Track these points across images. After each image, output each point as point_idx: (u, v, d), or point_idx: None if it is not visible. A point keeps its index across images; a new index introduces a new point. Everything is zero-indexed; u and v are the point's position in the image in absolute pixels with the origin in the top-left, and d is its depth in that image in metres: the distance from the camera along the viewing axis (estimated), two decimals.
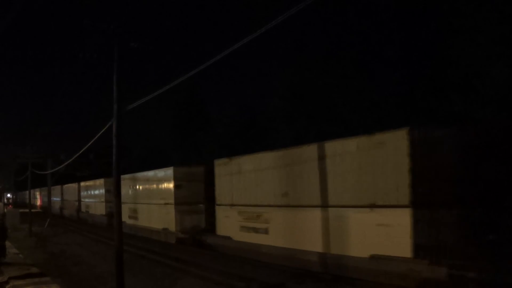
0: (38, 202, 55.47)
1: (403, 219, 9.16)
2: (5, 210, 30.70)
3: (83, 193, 33.83)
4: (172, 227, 18.00)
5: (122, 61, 10.01)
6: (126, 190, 21.79)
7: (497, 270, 7.77)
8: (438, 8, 15.38)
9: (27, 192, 31.27)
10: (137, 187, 21.92)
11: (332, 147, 10.97)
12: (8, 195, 73.98)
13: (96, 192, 30.07)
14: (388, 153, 9.63)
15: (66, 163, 24.68)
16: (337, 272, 10.57)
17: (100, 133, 12.83)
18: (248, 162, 14.32)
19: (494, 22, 13.40)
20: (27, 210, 29.31)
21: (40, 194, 54.45)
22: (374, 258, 9.75)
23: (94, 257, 16.19)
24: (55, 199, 41.32)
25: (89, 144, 15.59)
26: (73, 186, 36.50)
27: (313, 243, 11.34)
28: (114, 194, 10.06)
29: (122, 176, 18.76)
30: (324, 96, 19.61)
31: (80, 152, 18.39)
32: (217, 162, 15.93)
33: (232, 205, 14.94)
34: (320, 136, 16.73)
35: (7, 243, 15.72)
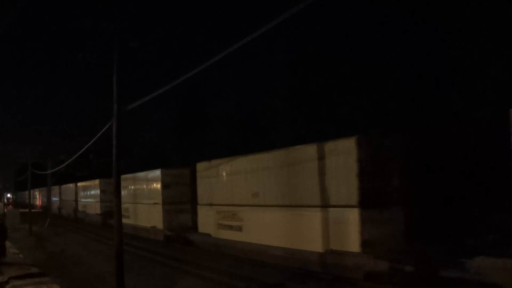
0: (38, 202, 55.47)
1: (352, 218, 10.17)
2: (5, 210, 30.77)
3: (80, 193, 34.84)
4: (160, 225, 18.94)
5: (122, 61, 10.01)
6: (127, 193, 22.86)
7: (433, 263, 8.75)
8: (438, 8, 15.38)
9: (27, 192, 31.47)
10: (129, 187, 22.87)
11: (294, 153, 12.24)
12: (8, 195, 74.00)
13: (92, 192, 31.01)
14: (339, 159, 10.65)
15: (66, 163, 24.69)
16: (298, 265, 11.63)
17: (100, 133, 12.84)
18: (225, 166, 15.40)
19: (494, 22, 13.40)
20: (27, 210, 29.35)
21: (40, 194, 54.47)
22: (329, 252, 10.81)
23: (94, 257, 16.20)
24: (54, 199, 42.54)
25: (89, 144, 15.60)
26: (71, 186, 37.19)
27: (278, 239, 12.41)
28: (114, 194, 10.07)
29: (125, 177, 19.21)
30: (324, 96, 19.61)
31: (80, 152, 18.40)
32: (198, 165, 17.05)
33: (211, 204, 16.03)
34: (320, 136, 16.74)
35: (7, 243, 15.72)
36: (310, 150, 11.58)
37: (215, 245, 15.48)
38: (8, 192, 74.39)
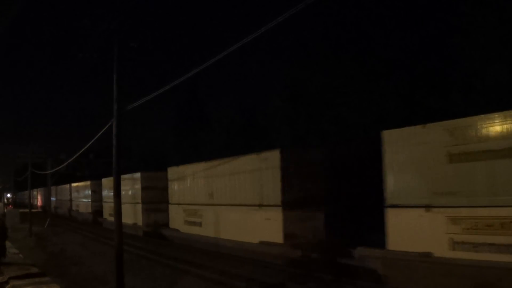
0: (38, 202, 55.52)
1: (278, 215, 12.61)
2: (5, 210, 30.78)
3: (73, 194, 37.10)
4: (140, 222, 21.49)
5: (122, 61, 10.01)
6: (107, 192, 26.69)
7: (339, 252, 10.96)
8: (438, 8, 15.38)
9: (26, 192, 31.87)
10: (111, 190, 23.67)
11: (237, 162, 14.77)
12: (8, 195, 73.98)
13: (84, 193, 33.28)
14: (268, 167, 12.99)
15: (66, 163, 24.70)
16: (240, 253, 13.91)
17: (100, 133, 12.84)
18: (189, 170, 17.74)
19: (494, 22, 13.40)
20: (27, 210, 29.37)
21: (40, 194, 54.60)
22: (261, 243, 13.20)
23: (94, 257, 16.21)
24: (51, 199, 43.53)
25: (89, 144, 15.60)
26: (66, 187, 39.21)
27: (229, 233, 14.80)
28: (114, 194, 10.08)
29: (103, 180, 21.17)
30: (324, 96, 19.61)
31: (80, 152, 18.41)
32: (169, 169, 19.38)
33: (179, 204, 18.43)
34: (320, 136, 16.77)
35: (7, 243, 15.71)
36: (248, 160, 14.11)
37: (182, 239, 17.71)
38: (8, 192, 74.38)
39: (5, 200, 60.42)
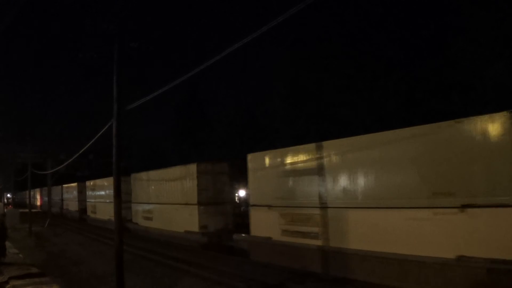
0: (38, 202, 55.61)
1: (195, 211, 16.77)
2: (5, 210, 30.76)
3: (64, 194, 41.24)
4: (112, 217, 23.30)
5: (122, 61, 10.01)
6: (91, 193, 32.16)
7: (227, 237, 15.49)
8: (438, 8, 15.38)
9: (26, 192, 32.54)
10: (97, 190, 30.83)
11: (170, 170, 19.19)
12: (8, 195, 73.97)
13: (73, 193, 37.26)
14: (189, 176, 17.40)
15: (66, 163, 24.71)
16: (171, 240, 18.14)
17: (100, 133, 12.84)
18: (144, 175, 22.39)
19: (494, 22, 13.41)
20: (26, 210, 29.37)
21: (40, 194, 54.78)
22: (186, 232, 17.37)
23: (94, 257, 16.21)
24: (45, 198, 48.07)
25: (89, 144, 15.60)
26: (58, 188, 42.41)
27: (165, 224, 19.16)
28: (114, 194, 10.06)
29: (86, 182, 28.26)
30: (324, 96, 19.62)
31: (80, 152, 18.41)
32: (132, 175, 23.71)
33: (138, 203, 22.92)
34: (320, 136, 16.74)
35: (7, 243, 15.71)
36: (178, 170, 18.54)
37: (141, 230, 22.06)
38: (8, 192, 74.36)
39: (5, 200, 60.38)
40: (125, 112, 10.51)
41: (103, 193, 29.01)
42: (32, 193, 44.30)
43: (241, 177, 16.78)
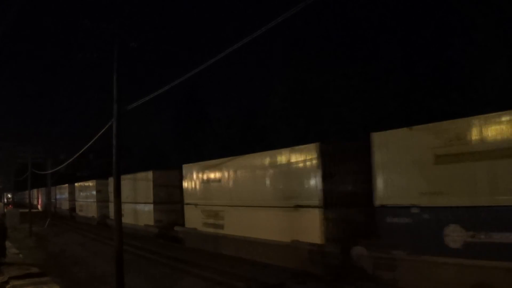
0: (37, 202, 55.64)
1: (151, 209, 20.92)
2: (5, 210, 30.75)
3: (57, 194, 45.94)
4: (95, 215, 30.99)
5: (122, 61, 10.01)
6: (78, 193, 36.95)
7: (172, 230, 19.63)
8: (438, 8, 15.38)
9: (26, 192, 33.62)
10: (83, 192, 35.61)
11: (140, 175, 22.84)
12: (9, 195, 73.92)
13: (64, 193, 41.84)
14: (147, 180, 21.58)
15: (66, 163, 24.73)
16: (136, 232, 21.81)
17: (100, 133, 12.84)
18: (124, 180, 27.62)
19: (494, 22, 13.40)
20: (26, 210, 29.40)
21: (38, 194, 55.03)
22: (145, 225, 21.58)
23: (94, 257, 16.22)
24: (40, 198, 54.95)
25: (89, 144, 15.61)
26: (53, 188, 45.35)
27: (132, 220, 22.69)
28: (114, 194, 10.08)
29: (76, 184, 34.67)
30: (324, 96, 19.61)
31: (80, 152, 18.43)
32: (109, 178, 26.73)
33: (110, 201, 26.50)
34: (320, 136, 16.75)
35: (7, 243, 15.72)
36: (143, 175, 22.35)
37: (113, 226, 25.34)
38: (9, 192, 74.31)
39: (5, 200, 60.35)
40: (125, 112, 10.51)
41: (87, 194, 33.77)
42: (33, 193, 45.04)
43: None
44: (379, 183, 9.93)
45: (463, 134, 8.46)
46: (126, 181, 23.08)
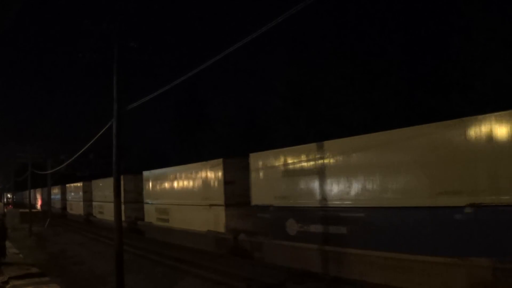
0: (38, 202, 55.77)
1: (123, 207, 22.77)
2: (5, 210, 30.77)
3: (52, 195, 47.59)
4: (82, 213, 35.15)
5: (122, 61, 10.01)
6: (68, 193, 41.55)
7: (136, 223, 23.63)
8: (438, 8, 15.38)
9: (26, 192, 34.45)
10: (73, 192, 39.89)
11: (110, 180, 23.60)
12: (9, 195, 73.89)
13: (58, 194, 45.37)
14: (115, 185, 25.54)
15: (66, 163, 24.74)
16: (111, 227, 21.84)
17: (100, 133, 12.84)
18: (100, 181, 31.44)
19: (494, 22, 13.40)
20: (26, 210, 29.42)
21: (38, 194, 55.28)
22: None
23: (94, 257, 16.22)
24: (37, 198, 57.54)
25: (89, 144, 15.61)
26: (49, 189, 46.79)
27: (108, 216, 25.04)
28: (114, 194, 10.08)
29: (66, 185, 39.92)
30: (324, 96, 19.61)
31: (80, 152, 18.43)
32: (92, 181, 32.92)
33: (95, 201, 31.86)
34: (320, 136, 16.74)
35: (7, 243, 15.72)
36: (110, 180, 24.91)
37: (97, 221, 30.32)
38: (9, 192, 74.29)
39: (5, 200, 60.30)
40: (125, 112, 10.50)
41: (76, 194, 38.12)
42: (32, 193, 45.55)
43: None
44: (253, 189, 14.13)
45: (298, 158, 12.42)
46: (105, 183, 28.39)
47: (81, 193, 35.24)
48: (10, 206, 53.05)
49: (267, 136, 23.65)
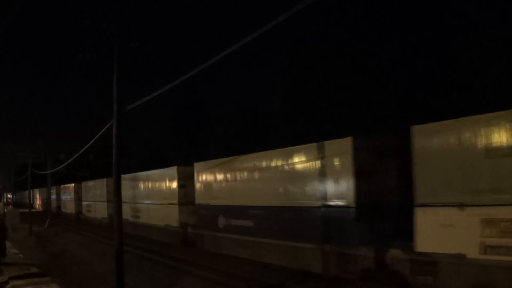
0: (38, 202, 55.86)
1: (105, 206, 28.78)
2: (5, 210, 30.77)
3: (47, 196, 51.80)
4: (73, 211, 39.17)
5: (122, 61, 10.01)
6: (63, 194, 45.04)
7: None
8: (438, 8, 15.37)
9: (25, 191, 35.51)
10: (66, 193, 43.28)
11: (97, 182, 32.22)
12: (9, 195, 73.86)
13: (54, 194, 47.01)
14: (102, 184, 29.94)
15: (66, 163, 24.75)
16: (98, 223, 30.22)
17: (100, 133, 12.84)
18: (87, 184, 35.68)
19: (494, 22, 13.40)
20: (26, 210, 29.43)
21: (38, 194, 55.48)
22: (102, 218, 29.52)
23: (94, 257, 16.23)
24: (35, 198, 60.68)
25: (89, 144, 15.62)
26: (49, 189, 47.80)
27: (95, 214, 31.31)
28: (114, 194, 10.08)
29: (61, 186, 43.46)
30: (324, 96, 19.59)
31: (80, 152, 18.43)
32: (82, 183, 37.29)
33: (84, 201, 36.32)
34: (320, 136, 16.75)
35: (7, 243, 15.72)
36: (100, 181, 30.68)
37: (87, 219, 34.33)
38: (9, 192, 74.25)
39: (5, 200, 60.30)
40: (125, 112, 10.50)
41: (69, 194, 41.64)
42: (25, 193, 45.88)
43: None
44: (196, 191, 17.91)
45: (223, 167, 16.36)
46: (92, 185, 33.33)
47: (73, 194, 39.17)
48: (10, 206, 53.01)
49: (267, 136, 23.63)
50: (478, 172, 8.16)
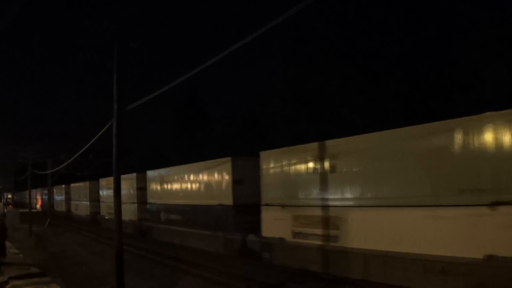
0: (38, 202, 55.92)
1: (88, 204, 34.57)
2: (5, 210, 30.77)
3: (43, 195, 53.69)
4: (64, 209, 41.63)
5: (122, 61, 10.01)
6: (55, 194, 47.03)
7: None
8: (438, 8, 15.38)
9: (26, 192, 35.83)
10: (57, 192, 46.32)
11: (81, 184, 37.44)
12: (9, 195, 73.80)
13: (46, 195, 48.48)
14: (93, 187, 33.04)
15: (66, 163, 24.74)
16: (79, 219, 35.41)
17: (100, 133, 12.83)
18: (74, 186, 39.45)
19: (494, 22, 13.40)
20: (26, 210, 29.45)
21: (38, 194, 55.57)
22: (85, 215, 34.04)
23: (94, 257, 16.23)
24: (34, 198, 61.71)
25: (89, 144, 15.60)
26: (49, 189, 49.33)
27: (79, 211, 36.05)
28: (114, 194, 10.08)
29: (56, 187, 44.15)
30: (324, 96, 19.60)
31: (80, 152, 18.42)
32: (71, 185, 39.97)
33: (73, 200, 39.03)
34: (320, 136, 16.75)
35: (7, 243, 15.72)
36: (83, 183, 35.91)
37: (77, 217, 36.79)
38: (9, 192, 74.19)
39: (5, 200, 60.26)
40: (125, 112, 10.50)
41: (61, 195, 44.44)
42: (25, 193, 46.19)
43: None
44: (148, 192, 22.70)
45: (167, 173, 21.48)
46: (78, 186, 37.51)
47: (64, 194, 42.57)
48: (10, 206, 53.01)
49: (267, 136, 23.64)
50: (290, 184, 12.75)
